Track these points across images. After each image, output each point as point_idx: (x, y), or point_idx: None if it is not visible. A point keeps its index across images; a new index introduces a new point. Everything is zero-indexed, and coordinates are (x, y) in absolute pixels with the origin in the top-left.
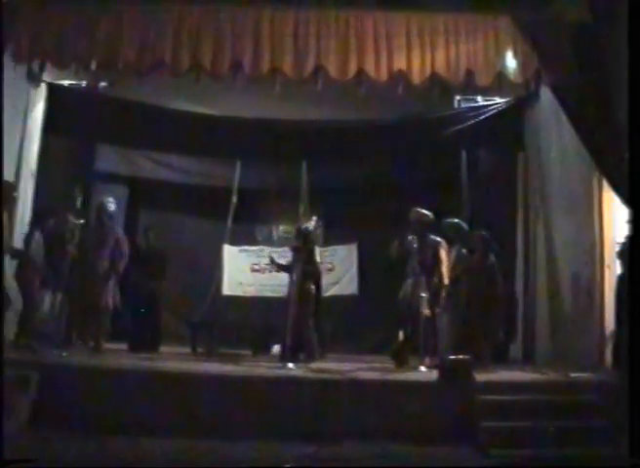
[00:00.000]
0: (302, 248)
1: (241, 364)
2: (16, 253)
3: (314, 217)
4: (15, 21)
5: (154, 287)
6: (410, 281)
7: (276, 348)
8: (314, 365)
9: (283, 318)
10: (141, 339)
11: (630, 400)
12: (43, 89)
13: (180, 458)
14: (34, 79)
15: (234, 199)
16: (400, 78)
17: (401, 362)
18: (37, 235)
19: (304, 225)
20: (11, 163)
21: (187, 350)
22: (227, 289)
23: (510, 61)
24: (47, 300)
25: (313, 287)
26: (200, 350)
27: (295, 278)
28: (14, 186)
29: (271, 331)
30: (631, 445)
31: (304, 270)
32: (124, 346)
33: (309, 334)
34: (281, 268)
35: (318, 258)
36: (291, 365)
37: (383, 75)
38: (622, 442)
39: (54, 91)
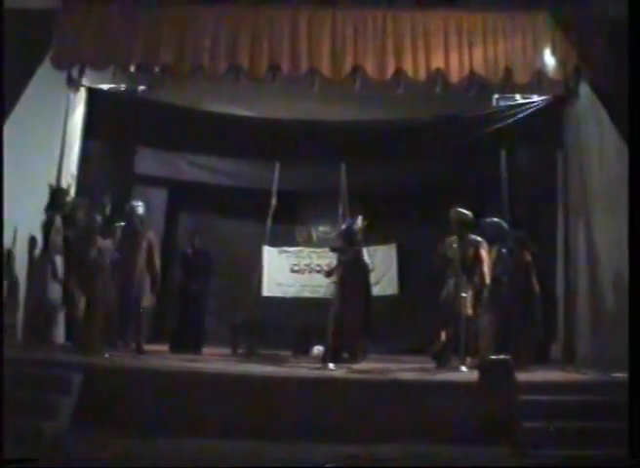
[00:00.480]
0: (349, 248)
1: (281, 364)
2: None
3: (359, 217)
4: (54, 28)
5: (199, 289)
6: (451, 281)
7: (316, 349)
8: (355, 365)
9: (323, 318)
10: (184, 341)
11: (630, 400)
12: (82, 93)
13: (221, 458)
14: (73, 84)
15: (273, 200)
16: (438, 77)
17: (442, 362)
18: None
19: (351, 225)
20: (52, 167)
21: (228, 351)
22: (267, 290)
23: (549, 59)
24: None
25: (361, 287)
26: (240, 351)
27: (338, 278)
28: (67, 191)
29: (311, 331)
30: (631, 445)
31: (351, 270)
32: (164, 347)
33: (355, 336)
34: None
35: (367, 258)
36: (331, 365)
37: (422, 74)
38: None
39: (93, 95)
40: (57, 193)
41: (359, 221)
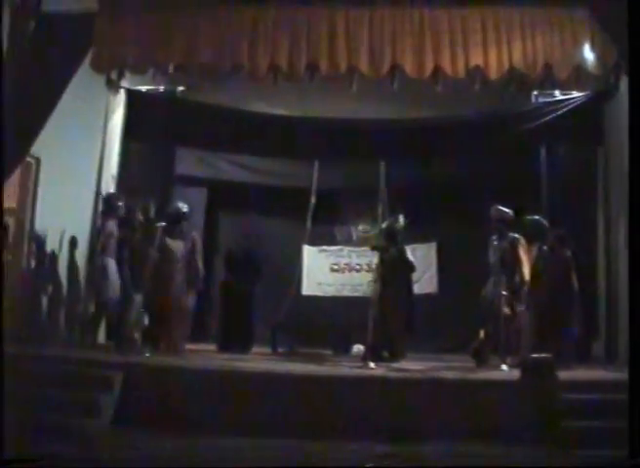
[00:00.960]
0: (390, 247)
1: (322, 363)
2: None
3: (400, 216)
4: (94, 32)
5: (246, 289)
6: (492, 279)
7: (356, 348)
8: (395, 364)
9: (363, 317)
10: (232, 341)
11: (630, 400)
12: (122, 95)
13: (262, 457)
14: (113, 86)
15: (313, 199)
16: (477, 74)
17: (481, 361)
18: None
19: (392, 224)
20: (92, 169)
21: (268, 350)
22: (307, 289)
23: (589, 54)
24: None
25: (402, 286)
26: (281, 350)
27: (379, 277)
28: (119, 196)
29: (351, 330)
30: (631, 445)
31: (392, 269)
32: (211, 347)
33: (396, 334)
34: None
35: (411, 257)
36: (372, 364)
37: (460, 72)
38: None
39: (132, 97)
40: (110, 198)
41: (400, 220)
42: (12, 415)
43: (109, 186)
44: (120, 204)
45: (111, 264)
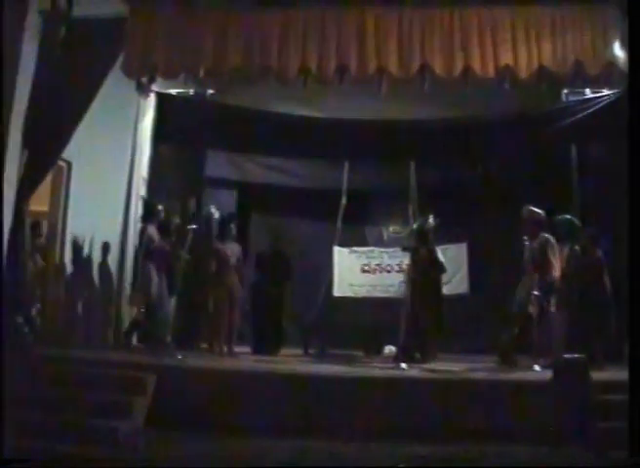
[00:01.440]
0: (421, 247)
1: (353, 365)
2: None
3: (430, 216)
4: (124, 36)
5: (280, 291)
6: (523, 280)
7: (388, 349)
8: (427, 365)
9: (395, 318)
10: (265, 343)
11: (630, 400)
12: (152, 98)
13: (293, 459)
14: (143, 90)
15: (343, 200)
16: (507, 73)
17: (509, 362)
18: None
19: (423, 224)
20: (123, 172)
21: (299, 352)
22: (338, 290)
23: (620, 51)
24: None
25: (433, 287)
26: (312, 351)
27: (410, 278)
28: (158, 201)
29: (383, 331)
30: (631, 445)
31: (423, 270)
32: (244, 349)
33: (427, 335)
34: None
35: (441, 257)
36: (404, 365)
37: (490, 71)
38: None
39: (163, 100)
40: (150, 203)
41: (430, 220)
42: (40, 416)
43: (140, 190)
44: (160, 208)
45: (153, 269)
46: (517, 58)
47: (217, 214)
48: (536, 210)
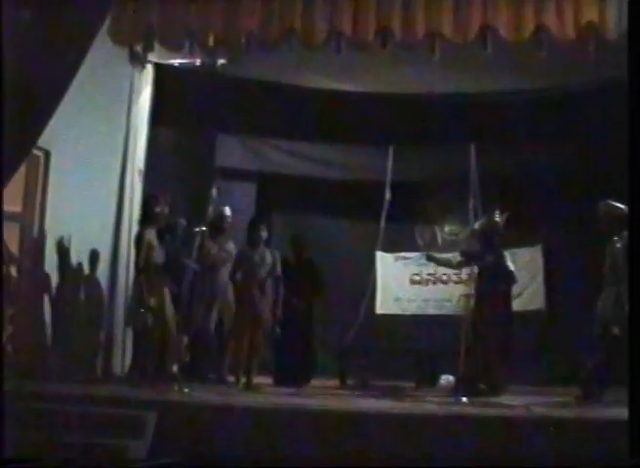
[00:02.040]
0: (485, 252)
1: (402, 398)
2: None
3: (496, 212)
4: None
5: (309, 308)
6: (606, 292)
7: (445, 379)
8: (494, 399)
9: (453, 341)
10: (290, 371)
11: (630, 399)
12: (149, 71)
13: None
14: (138, 61)
15: (387, 195)
16: (591, 33)
17: (590, 394)
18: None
19: (486, 223)
20: (115, 162)
21: (334, 383)
22: (382, 306)
23: None
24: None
25: (501, 301)
26: (351, 382)
27: (473, 290)
28: (157, 200)
29: (438, 357)
30: (631, 445)
31: (489, 280)
32: (266, 380)
33: (494, 362)
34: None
35: (510, 265)
36: (465, 399)
37: (569, 31)
38: None
39: (162, 73)
40: (148, 202)
41: (496, 217)
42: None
43: (135, 184)
44: (160, 208)
45: (154, 283)
46: (604, 15)
47: (230, 216)
48: (615, 204)
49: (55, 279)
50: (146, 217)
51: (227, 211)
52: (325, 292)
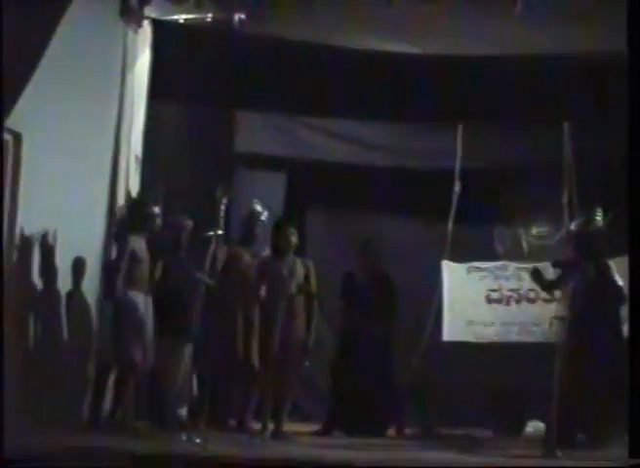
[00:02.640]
0: (584, 261)
1: (477, 451)
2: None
3: (597, 210)
4: None
5: (378, 333)
6: None
7: (533, 426)
8: (599, 453)
9: (543, 376)
10: (349, 416)
11: (630, 399)
12: (147, 30)
13: None
14: (132, 16)
15: (457, 187)
16: None
17: None
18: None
19: (585, 223)
20: (105, 145)
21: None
22: (450, 331)
23: None
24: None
25: (607, 325)
26: (410, 430)
27: (570, 311)
28: (144, 199)
29: (523, 397)
30: (631, 445)
31: (590, 298)
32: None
33: (598, 405)
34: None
35: (619, 279)
36: (559, 453)
37: None
38: None
39: (163, 32)
40: (137, 201)
41: (598, 216)
42: None
43: (131, 175)
44: (153, 211)
45: (140, 303)
46: None
47: (264, 215)
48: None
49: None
50: (133, 220)
51: (258, 207)
52: (397, 315)
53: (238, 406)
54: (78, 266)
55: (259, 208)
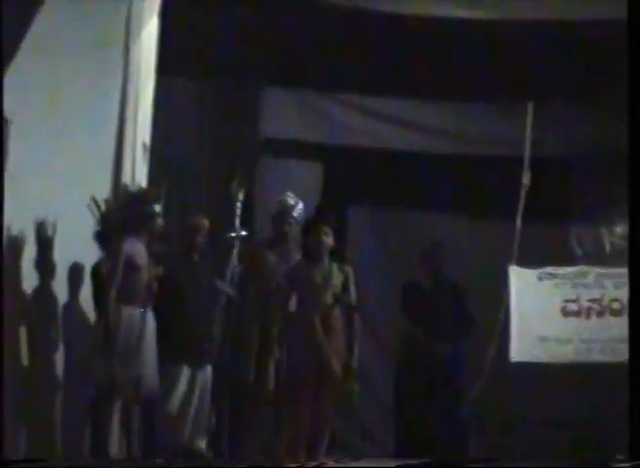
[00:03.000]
0: None
1: None
2: None
3: None
4: None
5: (445, 352)
6: None
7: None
8: None
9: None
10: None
11: (630, 399)
12: None
13: None
14: None
15: (526, 177)
16: None
17: None
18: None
19: None
20: (106, 130)
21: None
22: (520, 349)
23: None
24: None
25: None
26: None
27: None
28: (145, 195)
29: (611, 429)
30: (631, 445)
31: None
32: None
33: None
34: None
35: None
36: None
37: None
38: None
39: None
40: (136, 195)
41: None
42: None
43: (138, 165)
44: (154, 208)
45: (137, 320)
46: None
47: (298, 209)
48: None
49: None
50: (130, 220)
51: (291, 199)
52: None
53: (266, 439)
54: (75, 273)
55: (291, 200)
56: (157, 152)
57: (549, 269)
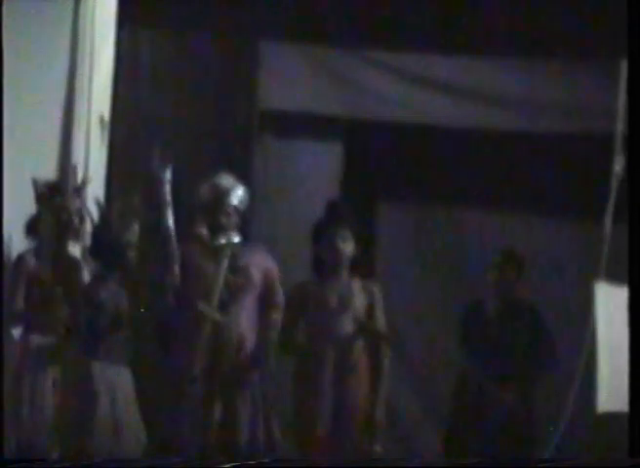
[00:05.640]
0: None
1: None
2: None
3: None
4: None
5: (524, 401)
6: None
7: None
8: None
9: None
10: None
11: (630, 399)
12: None
13: None
14: None
15: (618, 164)
16: None
17: None
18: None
19: None
20: (54, 103)
21: None
22: (610, 395)
23: None
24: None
25: None
26: None
27: None
28: (54, 187)
29: None
30: (631, 445)
31: None
32: None
33: None
34: None
35: None
36: None
37: None
38: None
39: None
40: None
41: None
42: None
43: (93, 146)
44: (59, 200)
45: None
46: None
47: (237, 195)
48: None
49: None
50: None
51: (226, 180)
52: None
53: None
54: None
55: (225, 183)
56: (118, 129)
57: None
